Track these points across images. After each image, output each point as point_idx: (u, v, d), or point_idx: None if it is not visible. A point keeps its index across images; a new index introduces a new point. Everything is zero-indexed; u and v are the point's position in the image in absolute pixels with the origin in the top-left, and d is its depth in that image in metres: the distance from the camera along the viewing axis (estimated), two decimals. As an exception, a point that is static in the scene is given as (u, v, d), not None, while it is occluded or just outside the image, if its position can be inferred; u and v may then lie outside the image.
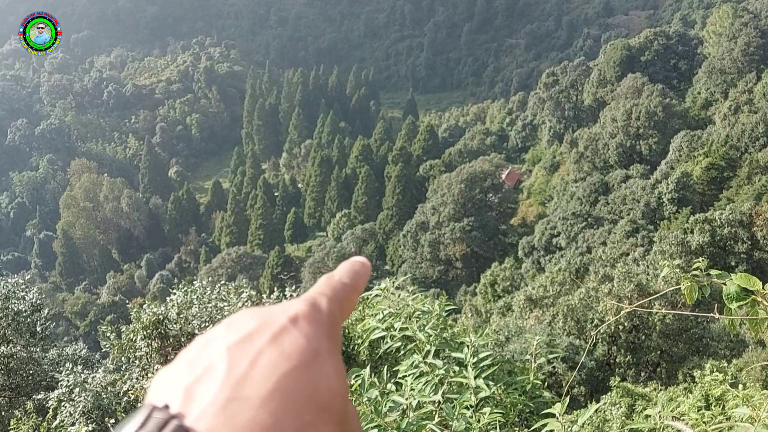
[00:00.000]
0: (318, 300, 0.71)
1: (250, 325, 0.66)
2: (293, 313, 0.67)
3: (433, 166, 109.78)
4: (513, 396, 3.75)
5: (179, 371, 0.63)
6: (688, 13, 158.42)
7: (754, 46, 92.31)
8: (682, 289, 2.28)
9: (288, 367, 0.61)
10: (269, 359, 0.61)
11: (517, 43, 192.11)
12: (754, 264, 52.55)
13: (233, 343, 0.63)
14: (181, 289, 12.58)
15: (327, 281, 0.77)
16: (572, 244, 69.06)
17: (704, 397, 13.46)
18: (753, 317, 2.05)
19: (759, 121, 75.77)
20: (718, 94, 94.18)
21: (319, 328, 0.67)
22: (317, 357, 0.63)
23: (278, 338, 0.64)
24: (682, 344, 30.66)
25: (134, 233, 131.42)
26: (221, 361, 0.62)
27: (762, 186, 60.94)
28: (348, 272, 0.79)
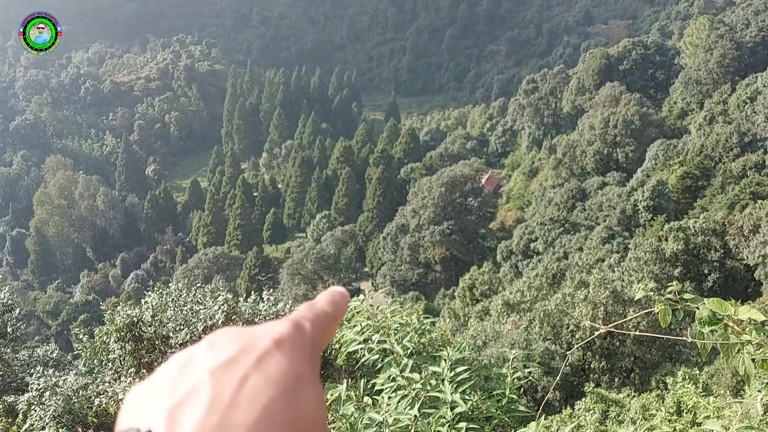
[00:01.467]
0: (302, 323, 0.71)
1: (234, 347, 0.64)
2: (277, 335, 0.66)
3: (414, 169, 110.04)
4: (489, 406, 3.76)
5: (159, 392, 0.61)
6: (666, 23, 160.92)
7: (729, 58, 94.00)
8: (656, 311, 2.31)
9: (273, 394, 0.60)
10: (254, 385, 0.60)
11: (498, 49, 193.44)
12: (727, 272, 53.44)
13: (217, 366, 0.62)
14: (156, 291, 12.43)
15: (309, 308, 0.76)
16: (549, 249, 69.62)
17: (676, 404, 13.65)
18: (725, 341, 2.08)
19: (733, 131, 77.14)
20: (694, 104, 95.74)
21: (303, 352, 0.66)
22: (300, 383, 0.63)
23: (262, 362, 0.62)
24: (655, 351, 31.05)
25: (109, 232, 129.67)
26: (205, 384, 0.60)
27: (735, 195, 62.02)
28: (329, 302, 0.79)
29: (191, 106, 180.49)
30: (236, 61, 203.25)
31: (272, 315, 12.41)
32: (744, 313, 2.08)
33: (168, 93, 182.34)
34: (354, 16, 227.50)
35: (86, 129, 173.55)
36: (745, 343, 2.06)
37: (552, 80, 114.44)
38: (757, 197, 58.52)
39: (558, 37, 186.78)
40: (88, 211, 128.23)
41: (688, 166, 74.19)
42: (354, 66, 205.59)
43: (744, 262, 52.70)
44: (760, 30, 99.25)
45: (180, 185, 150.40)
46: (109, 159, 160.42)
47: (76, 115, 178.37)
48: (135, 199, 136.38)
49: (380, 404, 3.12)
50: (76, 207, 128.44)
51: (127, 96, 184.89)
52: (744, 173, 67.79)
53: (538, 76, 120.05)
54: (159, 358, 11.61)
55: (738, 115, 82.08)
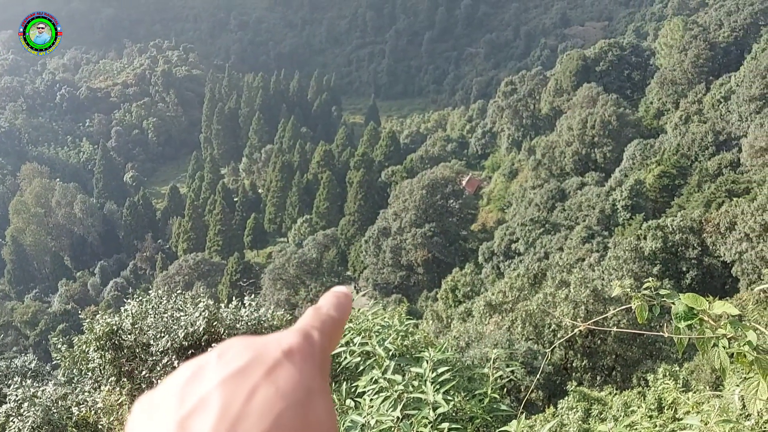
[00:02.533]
0: (310, 333, 0.71)
1: (244, 357, 0.64)
2: (287, 346, 0.66)
3: (395, 172, 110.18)
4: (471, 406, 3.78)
5: (168, 401, 0.61)
6: (641, 25, 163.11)
7: (703, 58, 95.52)
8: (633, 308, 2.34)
9: (283, 406, 0.60)
10: (265, 397, 0.60)
11: (477, 52, 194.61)
12: (704, 269, 54.18)
13: (227, 377, 0.61)
14: (135, 299, 12.31)
15: (315, 314, 0.76)
16: (530, 249, 70.08)
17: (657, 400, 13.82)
18: (700, 336, 2.11)
19: (708, 130, 78.36)
20: (669, 104, 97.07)
21: (312, 363, 0.66)
22: (310, 395, 0.62)
23: (273, 374, 0.62)
24: (636, 348, 31.38)
25: (88, 240, 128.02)
26: (215, 395, 0.60)
27: (711, 194, 62.95)
28: (334, 305, 0.78)
29: (169, 111, 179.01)
30: (214, 66, 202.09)
31: (254, 321, 12.35)
32: (719, 307, 2.11)
33: (145, 99, 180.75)
34: (333, 20, 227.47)
35: (62, 136, 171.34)
36: (720, 338, 2.09)
37: (530, 82, 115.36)
38: (732, 195, 59.45)
39: (535, 39, 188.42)
40: (65, 219, 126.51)
41: (664, 165, 75.17)
42: (333, 69, 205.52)
43: (721, 259, 53.47)
44: (733, 30, 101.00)
45: (159, 191, 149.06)
46: (87, 166, 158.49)
47: (52, 122, 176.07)
48: (113, 206, 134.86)
49: (362, 406, 3.12)
50: (53, 215, 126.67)
51: (104, 102, 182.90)
52: (719, 171, 68.87)
53: (516, 78, 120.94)
54: (139, 366, 11.49)
55: (712, 115, 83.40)
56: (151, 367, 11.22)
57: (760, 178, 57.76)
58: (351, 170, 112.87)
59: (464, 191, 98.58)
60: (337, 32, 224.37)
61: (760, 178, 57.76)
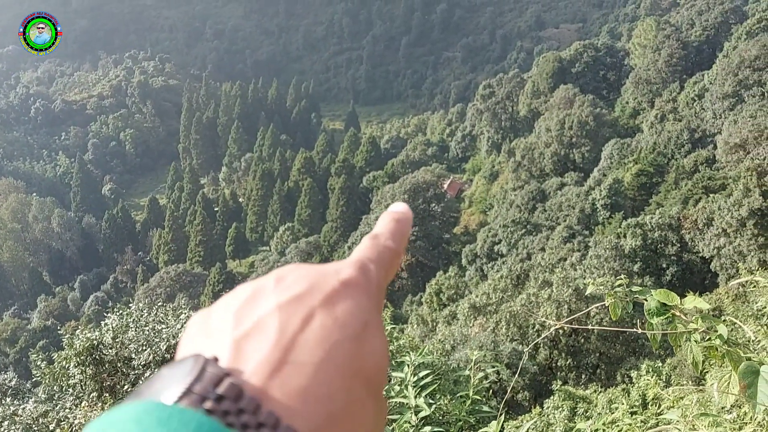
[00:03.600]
0: (368, 267, 0.68)
1: (302, 284, 0.62)
2: (345, 276, 0.64)
3: (377, 178, 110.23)
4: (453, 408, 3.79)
5: (224, 321, 0.60)
6: (614, 26, 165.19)
7: (676, 57, 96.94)
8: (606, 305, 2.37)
9: (340, 336, 0.58)
10: (321, 324, 0.58)
11: (454, 56, 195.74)
12: (684, 265, 54.88)
13: (284, 302, 0.60)
14: (116, 313, 12.19)
15: (373, 244, 0.73)
16: (513, 250, 70.45)
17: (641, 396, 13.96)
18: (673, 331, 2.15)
19: (683, 128, 79.50)
20: (645, 104, 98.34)
21: (369, 297, 0.64)
22: (367, 329, 0.61)
23: (330, 302, 0.61)
24: (619, 346, 31.67)
25: (66, 254, 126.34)
26: (272, 319, 0.58)
27: (688, 190, 63.81)
28: (392, 232, 0.76)
29: (146, 122, 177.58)
30: (191, 76, 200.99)
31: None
32: (690, 302, 2.15)
33: (122, 110, 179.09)
34: (309, 27, 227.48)
35: (38, 150, 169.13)
36: (692, 332, 2.13)
37: (508, 85, 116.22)
38: (709, 191, 60.31)
39: (511, 42, 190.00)
40: (43, 234, 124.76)
41: (642, 163, 76.09)
42: (311, 76, 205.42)
43: (700, 254, 54.21)
44: (704, 29, 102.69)
45: (138, 203, 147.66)
46: (63, 180, 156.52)
47: (27, 136, 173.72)
48: (92, 220, 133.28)
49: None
50: (31, 230, 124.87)
51: (80, 115, 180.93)
52: (696, 168, 69.84)
53: (494, 81, 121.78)
54: (122, 381, 11.36)
55: (687, 113, 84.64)
56: (133, 382, 11.09)
57: (735, 174, 58.69)
58: (332, 177, 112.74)
59: (446, 195, 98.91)
60: (313, 39, 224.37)
61: (735, 174, 58.69)
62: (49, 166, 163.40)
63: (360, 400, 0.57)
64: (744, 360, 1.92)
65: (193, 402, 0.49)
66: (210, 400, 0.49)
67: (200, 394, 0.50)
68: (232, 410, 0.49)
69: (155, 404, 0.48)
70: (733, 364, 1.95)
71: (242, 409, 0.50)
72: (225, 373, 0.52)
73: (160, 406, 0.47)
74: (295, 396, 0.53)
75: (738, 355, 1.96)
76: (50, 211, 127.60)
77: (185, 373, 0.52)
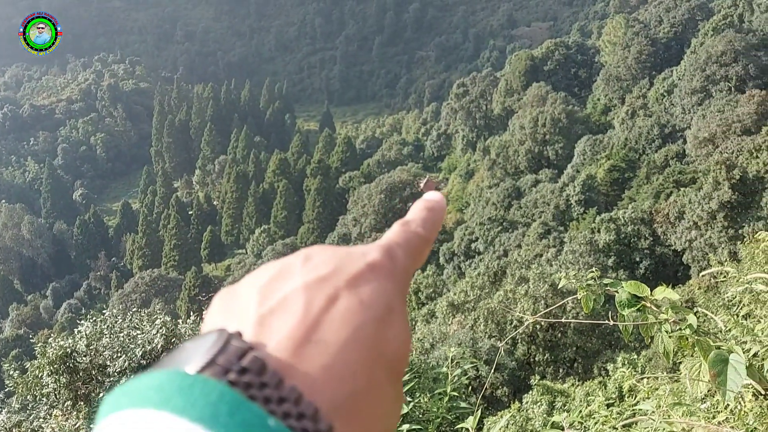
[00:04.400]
0: (395, 252, 0.67)
1: (329, 265, 0.62)
2: (371, 259, 0.64)
3: (353, 178, 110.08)
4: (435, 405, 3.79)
5: (250, 297, 0.60)
6: (585, 24, 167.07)
7: (645, 54, 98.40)
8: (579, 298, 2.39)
9: (364, 318, 0.58)
10: (347, 305, 0.58)
11: (428, 55, 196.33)
12: (657, 259, 55.76)
13: (311, 281, 0.60)
14: (89, 320, 11.99)
15: (403, 229, 0.72)
16: (490, 248, 70.89)
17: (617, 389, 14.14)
18: (644, 322, 2.18)
19: (654, 124, 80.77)
20: (615, 100, 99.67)
21: (395, 283, 0.64)
22: (391, 313, 0.60)
23: (356, 283, 0.60)
24: (595, 339, 32.06)
25: (38, 261, 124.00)
26: (298, 297, 0.58)
27: (660, 185, 64.83)
28: (424, 220, 0.75)
29: (117, 126, 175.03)
30: (162, 78, 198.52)
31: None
32: (660, 293, 2.18)
33: (92, 114, 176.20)
34: (281, 27, 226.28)
35: (6, 156, 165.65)
36: (663, 322, 2.16)
37: (481, 83, 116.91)
38: (679, 185, 61.38)
39: (484, 41, 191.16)
40: (13, 241, 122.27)
41: (614, 159, 77.11)
42: (285, 77, 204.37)
43: (672, 247, 55.14)
44: (672, 26, 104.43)
45: (110, 208, 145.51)
46: (33, 186, 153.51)
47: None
48: (63, 226, 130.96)
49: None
50: (0, 238, 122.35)
51: (49, 119, 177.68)
52: (666, 163, 71.01)
53: (467, 79, 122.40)
54: (97, 389, 11.18)
55: (657, 108, 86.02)
56: (108, 389, 10.92)
57: (705, 168, 59.77)
58: (308, 178, 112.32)
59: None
60: (286, 40, 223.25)
61: (705, 168, 59.77)
62: (18, 172, 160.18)
63: (381, 384, 0.57)
64: (713, 349, 1.96)
65: (216, 373, 0.49)
66: (233, 372, 0.50)
67: (223, 366, 0.50)
68: (255, 383, 0.49)
69: (178, 373, 0.48)
70: (703, 353, 1.98)
71: (265, 382, 0.50)
72: (249, 347, 0.52)
73: (182, 375, 0.48)
74: (318, 373, 0.53)
75: (708, 345, 2.00)
76: (20, 217, 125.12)
77: (209, 345, 0.52)
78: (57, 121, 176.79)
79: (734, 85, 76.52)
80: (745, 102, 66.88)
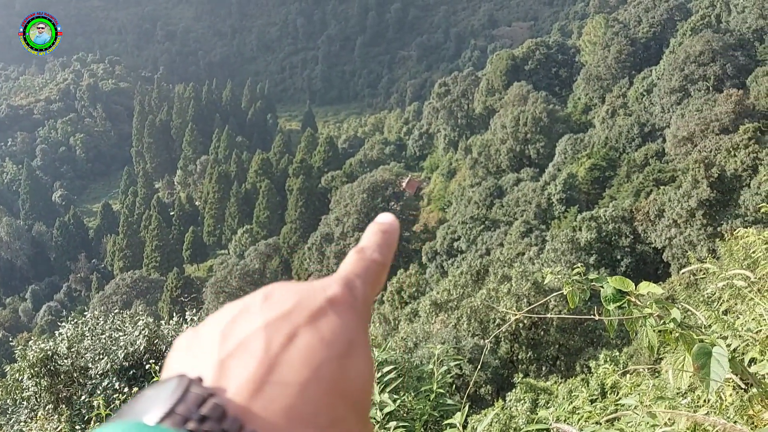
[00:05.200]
0: (354, 283, 0.68)
1: (289, 301, 0.62)
2: (331, 294, 0.64)
3: (335, 178, 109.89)
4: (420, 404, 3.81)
5: (210, 340, 0.59)
6: (565, 23, 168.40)
7: (625, 54, 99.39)
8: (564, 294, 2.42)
9: (325, 356, 0.58)
10: (307, 343, 0.58)
11: (409, 54, 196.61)
12: (638, 256, 56.37)
13: (271, 320, 0.59)
14: (70, 322, 11.86)
15: (359, 258, 0.72)
16: (472, 247, 71.17)
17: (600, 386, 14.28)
18: (628, 317, 2.21)
19: (633, 123, 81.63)
20: (596, 99, 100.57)
21: (355, 315, 0.64)
22: (352, 348, 0.60)
23: (316, 320, 0.60)
24: (577, 337, 32.32)
25: (17, 264, 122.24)
26: (257, 338, 0.58)
27: (640, 183, 65.55)
28: (379, 245, 0.75)
29: (97, 126, 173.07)
30: (142, 78, 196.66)
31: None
32: (644, 288, 2.21)
33: (71, 114, 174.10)
34: (263, 27, 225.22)
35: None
36: (647, 317, 2.19)
37: (462, 83, 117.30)
38: (659, 183, 62.11)
39: (465, 40, 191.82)
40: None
41: (594, 158, 77.81)
42: (266, 77, 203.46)
43: (652, 245, 55.79)
44: (651, 26, 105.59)
45: (91, 209, 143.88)
46: (11, 187, 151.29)
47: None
48: (42, 228, 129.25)
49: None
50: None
51: (27, 120, 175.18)
52: (646, 162, 71.80)
53: (449, 79, 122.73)
54: (78, 391, 11.06)
55: (637, 107, 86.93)
56: (90, 391, 10.80)
57: (684, 167, 60.53)
58: (290, 177, 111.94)
59: (405, 193, 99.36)
60: (268, 39, 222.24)
61: (684, 167, 60.53)
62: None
63: (345, 420, 0.56)
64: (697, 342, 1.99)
65: (176, 423, 0.49)
66: (193, 421, 0.49)
67: (183, 415, 0.49)
68: (216, 431, 0.49)
69: (137, 424, 0.47)
70: (686, 347, 2.02)
71: (225, 429, 0.50)
72: (209, 394, 0.52)
73: (141, 426, 0.47)
74: (279, 416, 0.53)
75: (691, 338, 2.03)
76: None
77: (169, 393, 0.51)
78: (35, 122, 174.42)
79: (712, 85, 77.56)
80: (723, 101, 67.83)
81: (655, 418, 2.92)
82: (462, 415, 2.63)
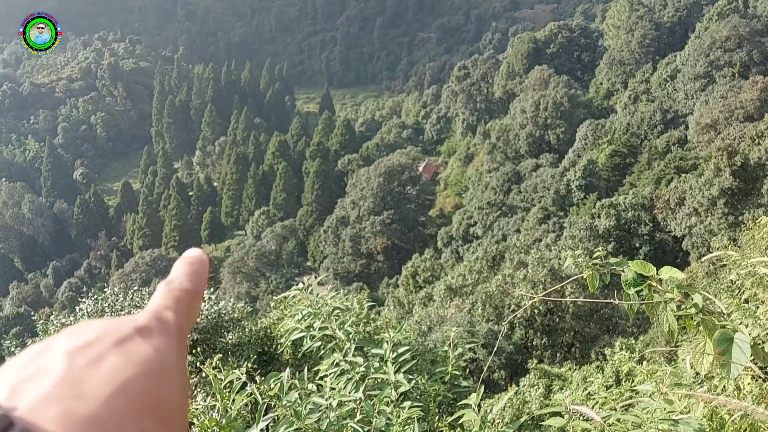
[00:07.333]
0: (163, 315, 0.68)
1: (96, 332, 0.62)
2: (139, 324, 0.65)
3: (351, 161, 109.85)
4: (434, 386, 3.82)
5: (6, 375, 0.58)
6: (588, 6, 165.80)
7: (649, 38, 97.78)
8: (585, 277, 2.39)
9: (133, 373, 0.58)
10: (113, 364, 0.58)
11: (429, 37, 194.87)
12: (656, 245, 55.85)
13: (74, 348, 0.59)
14: (91, 298, 12.03)
15: (168, 289, 0.73)
16: (488, 232, 70.97)
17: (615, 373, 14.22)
18: (649, 301, 2.18)
19: (656, 109, 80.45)
20: (618, 84, 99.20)
21: (168, 340, 0.65)
22: (164, 368, 0.61)
23: (123, 345, 0.60)
24: (593, 324, 32.19)
25: (38, 240, 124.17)
26: (58, 363, 0.57)
27: (661, 171, 64.76)
28: (188, 275, 0.75)
29: (118, 105, 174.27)
30: (163, 58, 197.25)
31: (214, 314, 12.21)
32: (665, 273, 2.18)
33: (92, 93, 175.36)
34: (282, 8, 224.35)
35: (6, 134, 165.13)
36: (668, 301, 2.16)
37: (483, 66, 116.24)
38: (681, 171, 61.30)
39: (486, 23, 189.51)
40: (13, 219, 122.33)
41: (616, 144, 76.94)
42: (285, 58, 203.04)
43: (672, 234, 55.22)
44: (677, 10, 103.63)
45: (111, 188, 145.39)
46: (33, 164, 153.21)
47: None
48: (64, 205, 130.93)
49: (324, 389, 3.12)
50: (0, 216, 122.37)
51: (49, 98, 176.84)
52: (668, 149, 70.88)
53: (469, 62, 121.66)
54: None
55: (660, 93, 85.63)
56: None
57: (706, 154, 59.68)
58: (307, 160, 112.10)
59: (421, 177, 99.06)
60: (287, 20, 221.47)
61: (706, 154, 59.68)
62: (18, 150, 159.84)
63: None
64: (719, 328, 1.96)
65: None
66: None
67: None
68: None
69: None
70: (707, 332, 1.99)
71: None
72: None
73: None
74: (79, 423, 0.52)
75: (713, 323, 2.00)
76: (20, 196, 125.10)
77: None
78: (57, 100, 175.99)
79: (738, 71, 76.10)
80: (749, 88, 66.56)
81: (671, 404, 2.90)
82: (478, 396, 2.63)
